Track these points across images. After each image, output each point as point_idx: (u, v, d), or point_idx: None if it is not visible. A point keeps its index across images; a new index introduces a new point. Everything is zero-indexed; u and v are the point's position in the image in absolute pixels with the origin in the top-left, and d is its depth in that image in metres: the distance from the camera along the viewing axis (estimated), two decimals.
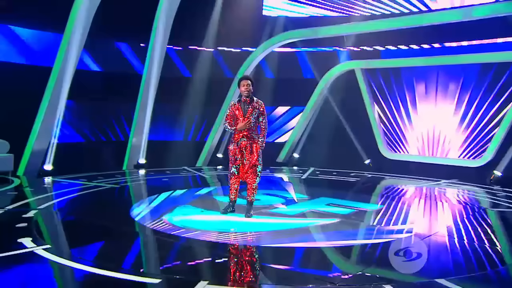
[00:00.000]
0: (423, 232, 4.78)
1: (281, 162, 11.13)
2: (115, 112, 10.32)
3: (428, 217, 5.73)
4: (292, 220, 5.13)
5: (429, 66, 10.02)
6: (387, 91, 10.68)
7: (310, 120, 11.24)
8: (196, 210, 5.49)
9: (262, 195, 6.42)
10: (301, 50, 11.30)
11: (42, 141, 8.11)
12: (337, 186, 8.10)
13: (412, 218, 5.51)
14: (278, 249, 4.11)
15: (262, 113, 5.05)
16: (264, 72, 11.55)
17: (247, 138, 5.02)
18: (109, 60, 10.16)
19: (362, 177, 9.33)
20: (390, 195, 7.37)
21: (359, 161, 10.62)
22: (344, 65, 10.92)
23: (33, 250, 3.72)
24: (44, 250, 3.73)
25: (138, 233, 4.57)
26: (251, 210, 5.17)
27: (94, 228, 4.63)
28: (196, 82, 10.92)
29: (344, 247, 4.22)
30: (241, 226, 4.80)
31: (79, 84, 8.61)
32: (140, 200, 6.34)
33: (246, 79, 5.04)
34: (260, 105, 5.03)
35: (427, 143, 10.20)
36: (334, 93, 11.03)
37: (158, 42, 9.41)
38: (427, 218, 5.62)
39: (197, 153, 10.72)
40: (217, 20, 10.74)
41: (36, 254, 3.65)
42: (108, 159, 9.57)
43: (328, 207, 5.87)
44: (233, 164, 5.09)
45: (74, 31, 7.94)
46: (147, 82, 9.52)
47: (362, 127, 10.66)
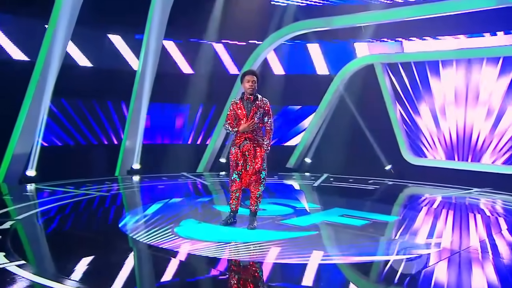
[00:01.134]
0: (452, 247, 4.71)
1: (291, 167, 11.12)
2: (106, 112, 10.30)
3: (457, 230, 5.67)
4: (302, 233, 5.07)
5: (458, 59, 9.91)
6: (411, 88, 10.58)
7: (324, 121, 11.23)
8: (194, 221, 5.48)
9: (267, 204, 6.39)
10: (313, 42, 11.22)
11: (24, 144, 8.10)
12: (354, 195, 8.07)
13: (439, 231, 5.46)
14: (285, 266, 4.05)
15: (267, 113, 5.03)
16: (272, 68, 11.50)
17: (251, 141, 4.99)
18: (100, 54, 10.14)
19: (382, 184, 9.29)
20: (413, 205, 7.35)
21: (379, 167, 10.59)
22: (362, 59, 10.87)
23: (4, 267, 3.66)
24: (17, 266, 3.67)
25: (128, 247, 4.53)
26: (255, 221, 5.12)
27: (79, 242, 4.59)
28: (197, 79, 10.92)
29: (361, 264, 4.15)
30: (243, 238, 4.76)
31: (67, 80, 8.60)
32: (131, 210, 6.33)
33: (251, 74, 5.00)
34: (265, 104, 5.01)
35: (457, 147, 10.13)
36: (350, 90, 10.98)
37: (153, 35, 9.39)
38: (456, 232, 5.55)
39: (198, 157, 10.72)
40: (220, 10, 10.74)
41: (8, 271, 3.58)
42: (98, 164, 9.60)
43: (342, 218, 5.82)
44: (235, 169, 5.06)
45: (60, 20, 7.90)
46: (142, 79, 9.51)
47: (382, 129, 10.62)
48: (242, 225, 5.13)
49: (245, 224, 5.11)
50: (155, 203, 6.49)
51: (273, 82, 10.94)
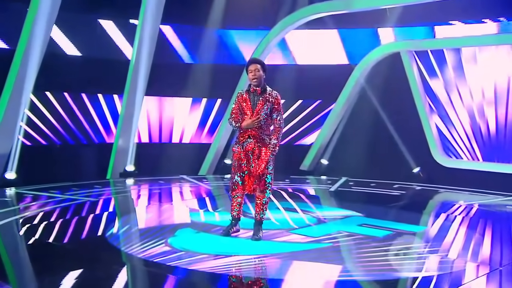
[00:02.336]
0: (490, 263, 4.67)
1: (305, 170, 11.09)
2: (97, 106, 10.28)
3: (497, 243, 5.62)
4: (314, 244, 5.07)
5: (499, 45, 9.69)
6: (443, 79, 10.42)
7: (343, 118, 11.16)
8: (191, 230, 5.49)
9: (275, 211, 6.43)
10: (330, 29, 11.12)
11: (3, 143, 8.09)
12: (376, 201, 8.09)
13: (476, 244, 5.40)
14: (294, 283, 4.01)
15: (276, 108, 5.02)
16: (282, 58, 11.42)
17: (255, 139, 4.98)
18: (89, 41, 10.11)
19: (409, 189, 9.26)
20: (445, 214, 7.31)
21: (406, 169, 10.46)
22: (386, 47, 10.74)
23: None
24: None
25: (116, 261, 4.50)
26: (260, 231, 5.10)
27: (63, 255, 4.58)
28: (198, 70, 10.85)
29: (382, 282, 4.09)
30: (246, 250, 4.76)
31: (52, 71, 8.57)
32: (123, 218, 6.36)
33: (254, 62, 5.03)
34: (274, 98, 5.01)
35: (497, 146, 9.96)
36: (373, 82, 10.86)
37: (148, 19, 9.37)
38: (496, 245, 5.50)
39: (200, 158, 10.73)
40: None
41: None
42: (87, 166, 9.61)
43: (361, 228, 5.82)
44: (237, 171, 5.05)
45: (42, 1, 7.86)
46: (136, 69, 9.49)
47: (409, 126, 10.51)
48: (246, 235, 5.10)
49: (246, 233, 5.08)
50: (149, 210, 6.50)
51: (285, 74, 10.85)
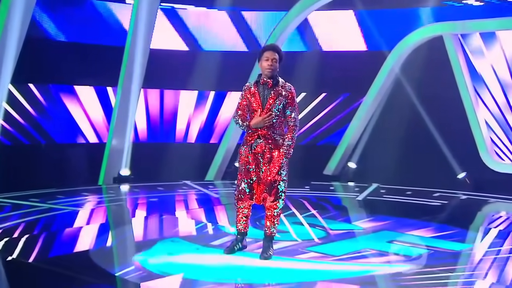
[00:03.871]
0: None
1: (330, 175, 11.09)
2: (87, 101, 10.33)
3: None
4: (338, 266, 5.07)
5: None
6: (494, 69, 10.29)
7: (374, 113, 11.14)
8: (190, 246, 5.51)
9: (290, 224, 6.48)
10: (359, 10, 11.05)
11: None
12: (411, 213, 8.06)
13: None
14: None
15: (290, 104, 5.03)
16: (300, 45, 11.40)
17: (266, 139, 4.98)
18: (79, 25, 10.19)
19: (453, 199, 9.22)
20: (496, 228, 7.25)
21: (449, 175, 10.38)
22: (426, 30, 10.67)
23: None
24: None
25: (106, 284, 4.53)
26: (271, 248, 5.11)
27: (41, 275, 4.60)
28: (203, 58, 10.90)
29: None
30: (255, 273, 4.75)
31: (35, 60, 8.67)
32: (115, 230, 6.43)
33: (272, 49, 5.03)
34: (288, 91, 5.02)
35: None
36: (410, 72, 10.78)
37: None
38: None
39: (206, 161, 10.80)
40: None
41: None
42: (76, 170, 9.67)
43: (392, 245, 5.81)
44: (244, 177, 5.05)
45: None
46: (131, 58, 9.56)
47: (453, 124, 10.43)
48: (254, 251, 5.12)
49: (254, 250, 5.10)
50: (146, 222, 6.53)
51: (305, 62, 10.87)
